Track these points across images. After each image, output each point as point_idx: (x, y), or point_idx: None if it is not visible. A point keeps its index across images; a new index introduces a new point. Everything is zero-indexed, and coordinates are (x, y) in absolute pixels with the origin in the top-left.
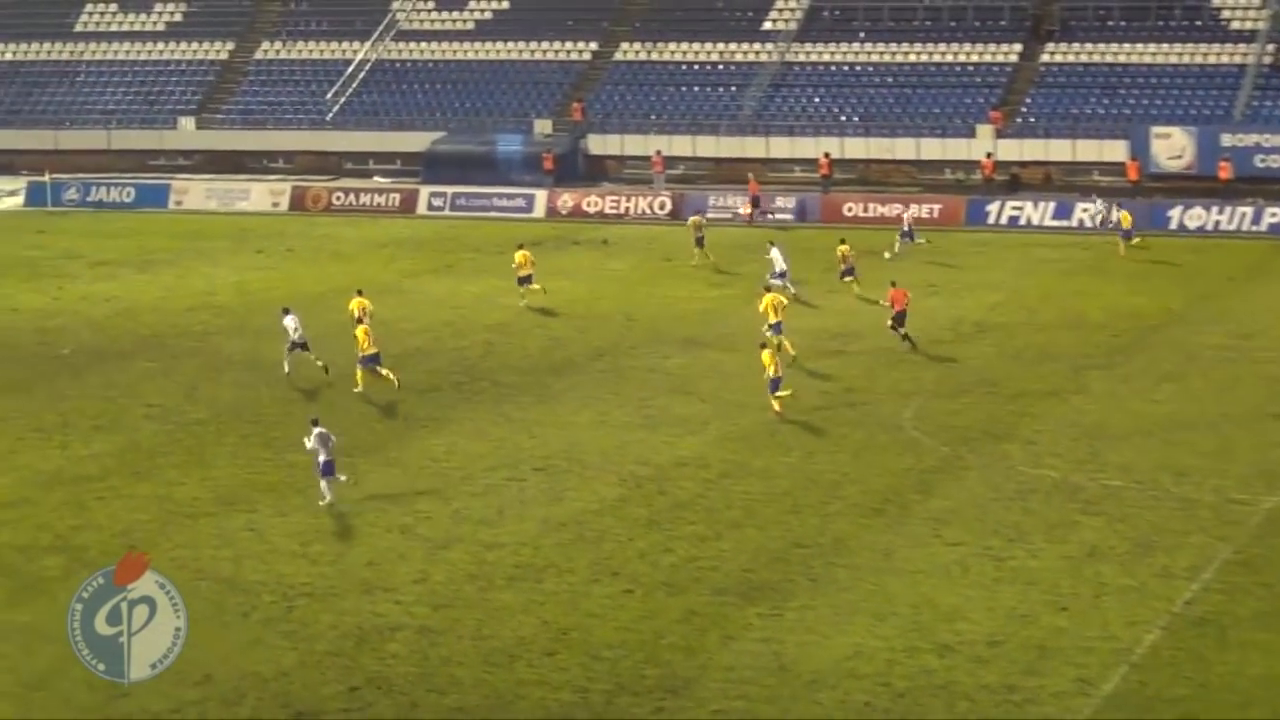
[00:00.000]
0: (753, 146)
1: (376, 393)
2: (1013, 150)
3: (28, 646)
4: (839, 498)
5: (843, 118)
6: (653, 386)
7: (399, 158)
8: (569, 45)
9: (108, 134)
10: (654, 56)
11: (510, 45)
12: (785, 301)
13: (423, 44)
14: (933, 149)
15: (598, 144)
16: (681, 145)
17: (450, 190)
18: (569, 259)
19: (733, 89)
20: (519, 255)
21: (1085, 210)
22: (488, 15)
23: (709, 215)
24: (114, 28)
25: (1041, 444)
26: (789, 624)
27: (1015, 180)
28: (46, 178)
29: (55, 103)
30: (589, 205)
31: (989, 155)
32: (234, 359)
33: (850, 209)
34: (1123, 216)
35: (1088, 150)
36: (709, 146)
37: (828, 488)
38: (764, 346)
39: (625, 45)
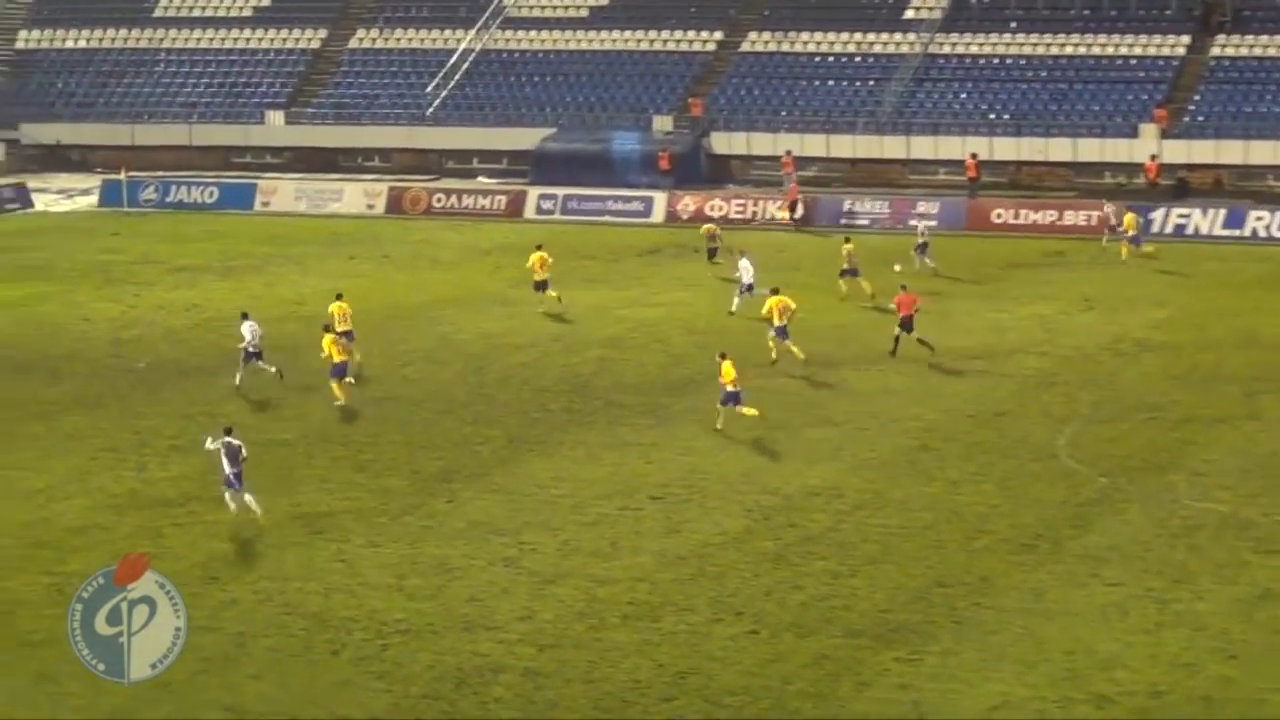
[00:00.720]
0: (892, 146)
1: (478, 414)
2: (1179, 152)
3: (99, 684)
4: (985, 532)
5: (991, 115)
6: (782, 408)
7: (505, 156)
8: (691, 35)
9: (189, 129)
10: (784, 47)
11: (627, 34)
12: (792, 305)
13: (532, 32)
14: (1090, 150)
15: (722, 142)
16: (814, 145)
17: (561, 192)
18: (688, 268)
19: (871, 83)
20: (535, 257)
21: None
22: (603, 2)
23: (855, 221)
24: (196, 13)
25: (1209, 475)
26: (929, 670)
27: (1182, 185)
28: (122, 176)
29: (133, 94)
30: (712, 209)
31: (1153, 157)
32: (324, 375)
33: (999, 215)
34: (1128, 220)
35: (1262, 152)
36: (844, 146)
37: (973, 521)
38: (724, 357)
39: (753, 35)
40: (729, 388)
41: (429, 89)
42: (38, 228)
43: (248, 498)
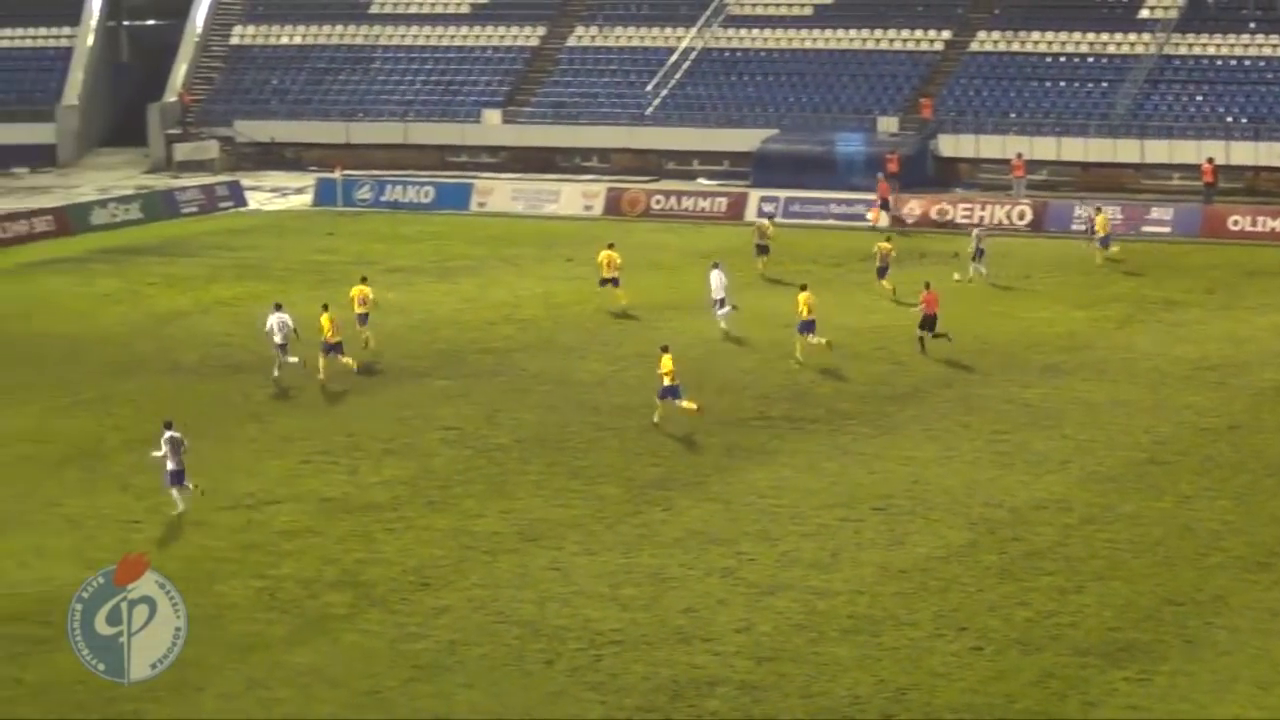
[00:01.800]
0: (1125, 150)
1: (697, 421)
2: None
3: (309, 691)
4: (1219, 549)
5: (1229, 119)
6: (1007, 419)
7: (726, 158)
8: (919, 34)
9: (404, 127)
10: (1015, 48)
11: (852, 33)
12: (814, 301)
13: (754, 31)
14: None
15: (949, 145)
16: (1044, 148)
17: (783, 195)
18: (914, 274)
19: (1103, 85)
20: (604, 255)
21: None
22: (828, 0)
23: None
24: (413, 10)
25: None
26: (1159, 690)
27: None
28: (337, 174)
29: (347, 92)
30: (938, 213)
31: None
32: (540, 379)
33: (1236, 223)
34: (1099, 221)
35: None
36: (1075, 150)
37: (1206, 538)
38: (665, 350)
39: (982, 34)
40: (667, 381)
41: (649, 88)
42: (251, 226)
43: (179, 489)
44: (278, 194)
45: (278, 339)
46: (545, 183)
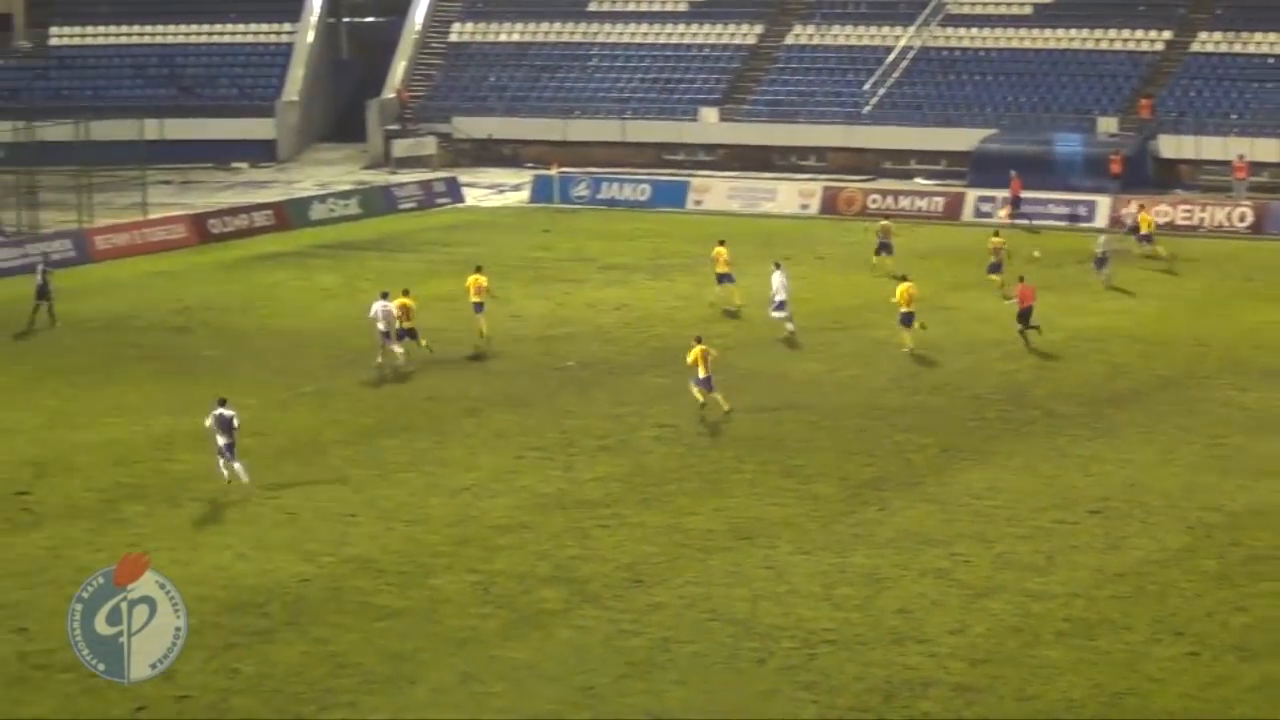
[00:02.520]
0: None
1: (912, 421)
2: None
3: (523, 685)
4: None
5: None
6: (1227, 422)
7: (943, 157)
8: (1139, 34)
9: (621, 124)
10: (1237, 48)
11: (1072, 33)
12: (916, 292)
13: (973, 30)
14: None
15: (1170, 146)
16: (1266, 149)
17: (1000, 195)
18: (1132, 275)
19: None
20: (717, 251)
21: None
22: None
23: None
24: (631, 7)
25: None
26: None
27: None
28: (554, 171)
29: (565, 89)
30: (1158, 215)
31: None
32: (754, 377)
33: None
34: (1142, 219)
35: None
36: None
37: None
38: (699, 341)
39: (1204, 35)
40: (701, 373)
41: (866, 87)
42: (468, 222)
43: (237, 466)
44: (494, 190)
45: (381, 327)
46: (761, 181)
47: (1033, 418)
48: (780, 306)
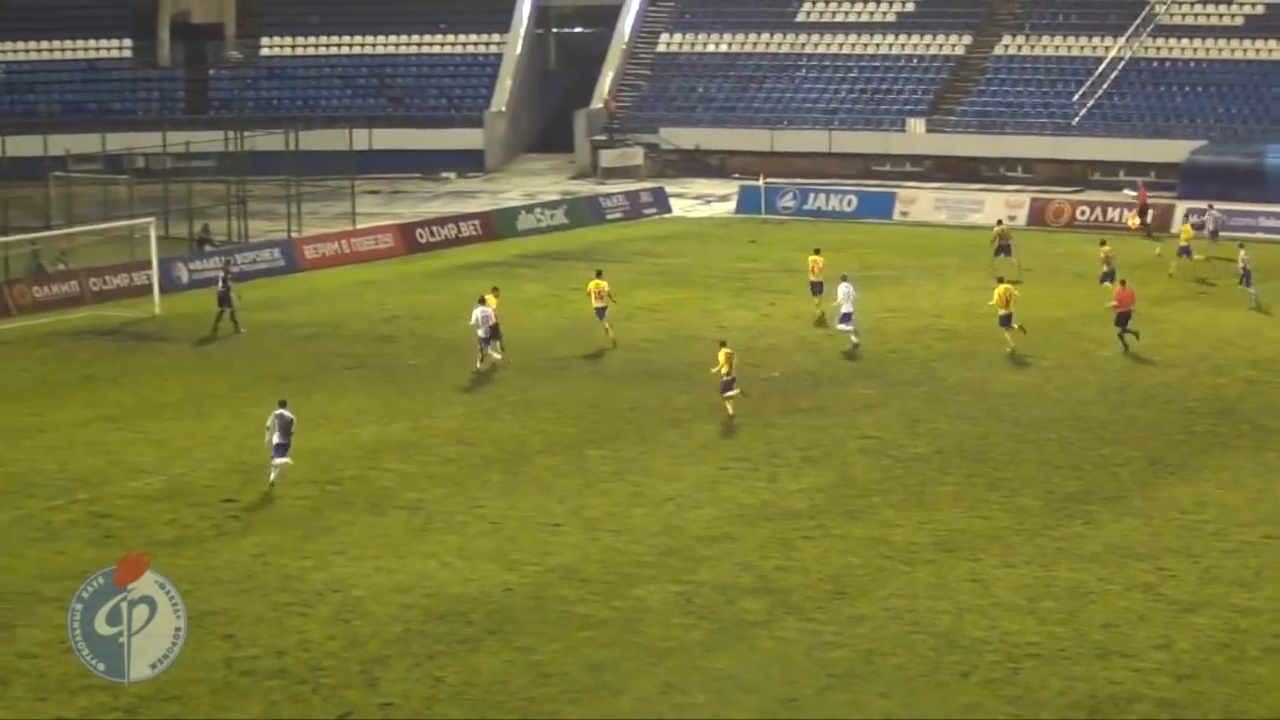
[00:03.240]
0: None
1: (1119, 434)
2: None
3: (725, 696)
4: None
5: None
6: None
7: (1153, 169)
8: None
9: (828, 135)
10: None
11: None
12: (1017, 293)
13: (1184, 40)
14: None
15: None
16: None
17: (1203, 206)
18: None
19: None
20: (812, 259)
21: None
22: (1259, 10)
23: None
24: (839, 18)
25: None
26: None
27: None
28: (761, 182)
29: (772, 100)
30: None
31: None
32: (960, 389)
33: None
34: (1183, 230)
35: None
36: None
37: None
38: (722, 345)
39: None
40: (725, 375)
41: (1075, 97)
42: (675, 233)
43: (278, 461)
44: (701, 201)
45: (481, 333)
46: (969, 192)
47: (1241, 432)
48: (846, 319)
